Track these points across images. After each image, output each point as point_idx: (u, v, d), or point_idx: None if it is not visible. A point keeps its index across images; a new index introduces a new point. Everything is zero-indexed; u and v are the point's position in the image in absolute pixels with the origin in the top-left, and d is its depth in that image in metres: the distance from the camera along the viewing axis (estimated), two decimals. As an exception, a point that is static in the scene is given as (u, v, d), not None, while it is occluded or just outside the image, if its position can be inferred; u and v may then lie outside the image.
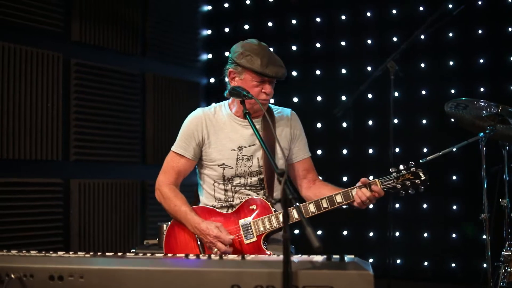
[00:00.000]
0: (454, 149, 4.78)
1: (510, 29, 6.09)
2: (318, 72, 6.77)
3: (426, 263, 6.27)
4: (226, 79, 3.78)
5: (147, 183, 6.45)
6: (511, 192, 4.79)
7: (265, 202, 3.52)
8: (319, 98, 6.74)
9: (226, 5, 7.26)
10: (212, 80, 7.32)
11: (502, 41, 6.10)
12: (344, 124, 6.56)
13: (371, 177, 3.45)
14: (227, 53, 7.06)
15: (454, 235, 6.17)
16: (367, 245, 6.46)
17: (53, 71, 5.65)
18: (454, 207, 6.18)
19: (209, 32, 7.34)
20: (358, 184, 3.42)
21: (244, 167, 3.62)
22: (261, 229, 3.47)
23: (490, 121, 4.73)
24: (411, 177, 3.42)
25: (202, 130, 3.64)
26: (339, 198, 3.41)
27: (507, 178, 4.88)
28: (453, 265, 6.14)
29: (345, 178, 6.53)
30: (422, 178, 3.43)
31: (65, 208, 5.74)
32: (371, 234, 6.48)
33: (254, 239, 3.47)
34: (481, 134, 4.66)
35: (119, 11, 6.32)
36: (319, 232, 6.61)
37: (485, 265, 4.56)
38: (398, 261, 6.32)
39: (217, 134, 3.64)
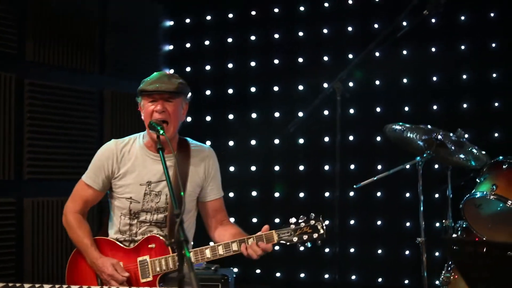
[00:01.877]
0: (390, 172, 4.84)
1: (463, 47, 6.14)
2: (276, 88, 6.82)
3: (380, 279, 6.32)
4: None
5: (104, 201, 6.47)
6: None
7: (164, 242, 3.52)
8: (276, 114, 6.78)
9: (188, 20, 7.29)
10: (174, 95, 7.34)
11: (456, 60, 6.16)
12: (301, 141, 6.66)
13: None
14: (188, 69, 7.18)
15: (407, 252, 6.21)
16: (322, 261, 6.51)
17: (5, 91, 5.68)
18: (408, 224, 6.22)
19: (171, 47, 7.37)
20: (259, 233, 3.42)
21: (151, 202, 3.64)
22: (157, 269, 3.48)
23: (429, 145, 4.78)
24: (309, 231, 3.41)
25: (112, 164, 3.66)
26: (235, 247, 3.41)
27: (451, 197, 4.92)
28: (406, 281, 6.18)
29: (302, 195, 6.66)
30: (320, 233, 3.42)
31: (18, 228, 5.78)
32: (326, 250, 6.53)
33: (150, 278, 3.49)
34: (418, 158, 4.73)
35: (76, 29, 6.32)
36: (276, 248, 6.64)
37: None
38: (353, 277, 6.37)
39: (127, 167, 3.66)
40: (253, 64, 6.94)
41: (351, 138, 6.47)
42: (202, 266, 5.00)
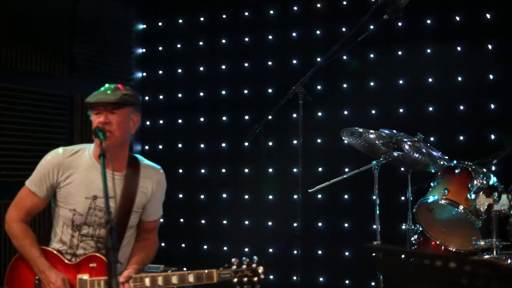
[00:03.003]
0: (345, 176, 4.88)
1: (428, 51, 6.16)
2: (245, 91, 6.86)
3: (347, 281, 6.37)
4: None
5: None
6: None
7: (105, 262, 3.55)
8: (246, 117, 6.82)
9: (160, 24, 7.33)
10: (146, 98, 7.39)
11: (423, 63, 6.19)
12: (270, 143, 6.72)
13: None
14: (161, 72, 7.22)
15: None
16: (291, 262, 6.56)
17: (-30, 97, 5.72)
18: (374, 226, 6.25)
19: (144, 50, 7.40)
20: (200, 271, 3.46)
21: (95, 217, 3.61)
22: None
23: (385, 149, 4.82)
24: (249, 274, 3.45)
25: (58, 172, 3.61)
26: (174, 280, 3.45)
27: (411, 200, 4.95)
28: (373, 283, 6.22)
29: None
30: (260, 277, 3.46)
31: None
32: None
33: None
34: (374, 162, 4.76)
35: (45, 33, 6.36)
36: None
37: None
38: (321, 279, 6.42)
39: (74, 178, 3.61)
40: (223, 67, 6.97)
41: (318, 140, 6.49)
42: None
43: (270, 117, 5.85)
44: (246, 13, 6.89)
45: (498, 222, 4.16)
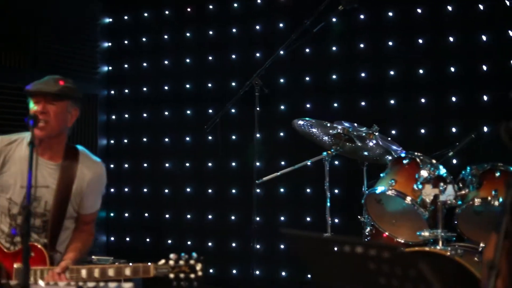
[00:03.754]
0: (295, 166, 4.85)
1: (390, 43, 6.13)
2: (210, 85, 6.82)
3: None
4: None
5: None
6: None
7: (43, 253, 3.51)
8: (210, 111, 6.77)
9: (126, 17, 7.28)
10: (112, 92, 7.34)
11: (384, 57, 6.17)
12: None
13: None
14: (126, 65, 7.18)
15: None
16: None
17: None
18: (336, 220, 6.22)
19: (110, 44, 7.35)
20: (138, 264, 3.41)
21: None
22: (32, 278, 3.41)
23: (337, 140, 4.78)
24: (187, 270, 3.39)
25: None
26: (111, 272, 3.41)
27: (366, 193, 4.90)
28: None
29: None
30: (198, 274, 3.40)
31: None
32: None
33: None
34: (325, 153, 4.72)
35: (9, 26, 6.31)
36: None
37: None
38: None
39: (10, 167, 3.61)
40: (188, 60, 6.92)
41: (281, 134, 6.46)
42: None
43: (233, 110, 5.88)
44: (211, 6, 6.85)
45: (446, 213, 4.13)
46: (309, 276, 6.02)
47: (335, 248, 2.49)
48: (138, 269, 3.39)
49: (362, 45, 6.22)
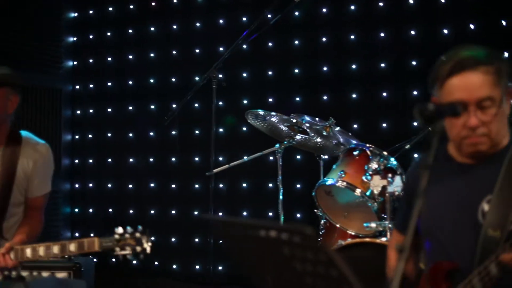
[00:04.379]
0: (245, 159, 4.82)
1: (323, 39, 6.14)
2: (173, 80, 6.78)
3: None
4: None
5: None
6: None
7: None
8: (174, 105, 6.72)
9: (91, 12, 7.23)
10: (77, 87, 7.28)
11: (345, 51, 6.16)
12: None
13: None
14: (91, 60, 7.13)
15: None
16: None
17: None
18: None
19: (75, 38, 7.30)
20: (82, 239, 3.36)
21: None
22: None
23: (290, 132, 4.75)
24: (133, 243, 3.32)
25: None
26: (55, 250, 3.37)
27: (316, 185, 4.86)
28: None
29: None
30: (143, 247, 3.32)
31: None
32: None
33: None
34: (277, 145, 4.69)
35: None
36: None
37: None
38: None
39: None
40: (152, 55, 6.88)
41: (244, 128, 6.43)
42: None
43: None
44: (175, 1, 6.81)
45: (393, 205, 4.09)
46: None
47: (250, 233, 2.46)
48: (83, 244, 3.34)
49: (324, 39, 6.20)
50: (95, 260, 5.34)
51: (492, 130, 2.48)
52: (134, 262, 3.38)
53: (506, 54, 5.47)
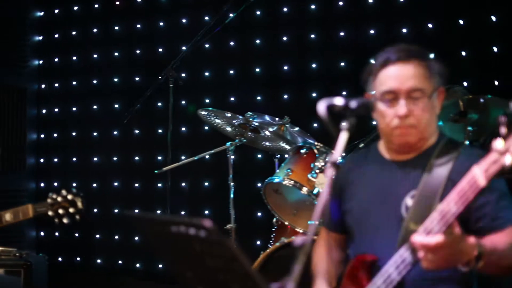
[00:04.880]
0: (196, 158, 4.83)
1: (285, 38, 6.17)
2: (137, 79, 6.79)
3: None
4: None
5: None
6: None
7: None
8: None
9: (57, 11, 7.23)
10: (43, 86, 7.28)
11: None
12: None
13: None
14: (57, 59, 7.14)
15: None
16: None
17: None
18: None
19: (41, 37, 7.30)
20: (17, 208, 3.40)
21: None
22: None
23: (242, 130, 4.76)
24: (66, 205, 3.35)
25: None
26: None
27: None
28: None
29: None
30: (78, 208, 3.36)
31: None
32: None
33: None
34: (228, 143, 4.69)
35: None
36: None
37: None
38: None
39: None
40: (116, 54, 6.89)
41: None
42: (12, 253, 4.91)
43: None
44: (139, 0, 6.81)
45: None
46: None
47: (164, 229, 2.47)
48: (18, 212, 3.38)
49: (285, 38, 6.22)
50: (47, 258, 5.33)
51: (420, 122, 2.55)
52: (66, 221, 3.35)
53: (464, 53, 5.55)
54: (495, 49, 5.60)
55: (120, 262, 6.75)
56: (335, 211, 2.84)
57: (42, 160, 7.18)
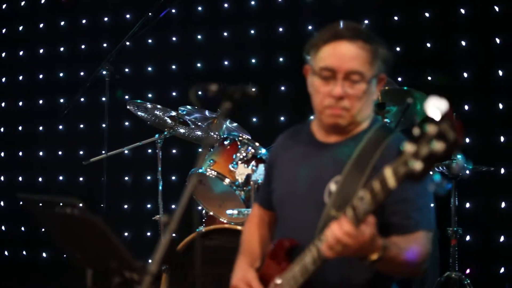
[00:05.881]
0: (126, 151, 4.87)
1: (252, 32, 6.22)
2: (82, 73, 6.82)
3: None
4: None
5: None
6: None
7: None
8: (82, 100, 6.76)
9: (4, 6, 7.25)
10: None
11: (246, 45, 6.24)
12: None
13: None
14: (4, 54, 7.15)
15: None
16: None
17: None
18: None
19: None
20: None
21: None
22: None
23: (171, 123, 4.80)
24: None
25: None
26: None
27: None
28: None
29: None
30: None
31: None
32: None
33: None
34: (157, 135, 4.74)
35: None
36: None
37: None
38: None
39: None
40: (61, 49, 6.93)
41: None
42: None
43: (103, 98, 5.84)
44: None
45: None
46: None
47: (52, 210, 2.53)
48: None
49: (225, 34, 6.29)
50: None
51: (354, 106, 2.44)
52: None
53: (398, 49, 5.66)
54: (428, 45, 5.73)
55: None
56: (266, 187, 2.76)
57: (-12, 154, 7.20)
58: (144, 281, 2.14)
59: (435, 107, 1.80)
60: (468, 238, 5.51)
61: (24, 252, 7.00)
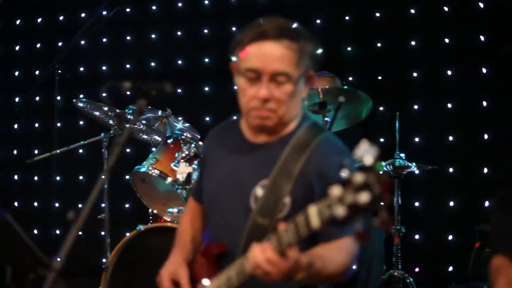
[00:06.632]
0: (70, 147, 4.86)
1: (206, 31, 6.24)
2: (37, 73, 6.79)
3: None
4: None
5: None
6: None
7: None
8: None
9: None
10: None
11: (200, 45, 6.32)
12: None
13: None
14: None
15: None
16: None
17: None
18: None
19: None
20: None
21: None
22: None
23: (117, 121, 4.79)
24: None
25: None
26: None
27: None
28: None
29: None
30: None
31: None
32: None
33: None
34: (103, 134, 4.72)
35: None
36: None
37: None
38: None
39: None
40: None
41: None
42: None
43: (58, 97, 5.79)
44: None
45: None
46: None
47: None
48: None
49: (179, 33, 6.31)
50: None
51: (281, 107, 2.37)
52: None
53: (349, 49, 5.69)
54: (379, 44, 5.78)
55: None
56: (199, 183, 2.73)
57: None
58: (49, 277, 2.14)
59: (367, 152, 1.75)
60: (416, 237, 5.56)
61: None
